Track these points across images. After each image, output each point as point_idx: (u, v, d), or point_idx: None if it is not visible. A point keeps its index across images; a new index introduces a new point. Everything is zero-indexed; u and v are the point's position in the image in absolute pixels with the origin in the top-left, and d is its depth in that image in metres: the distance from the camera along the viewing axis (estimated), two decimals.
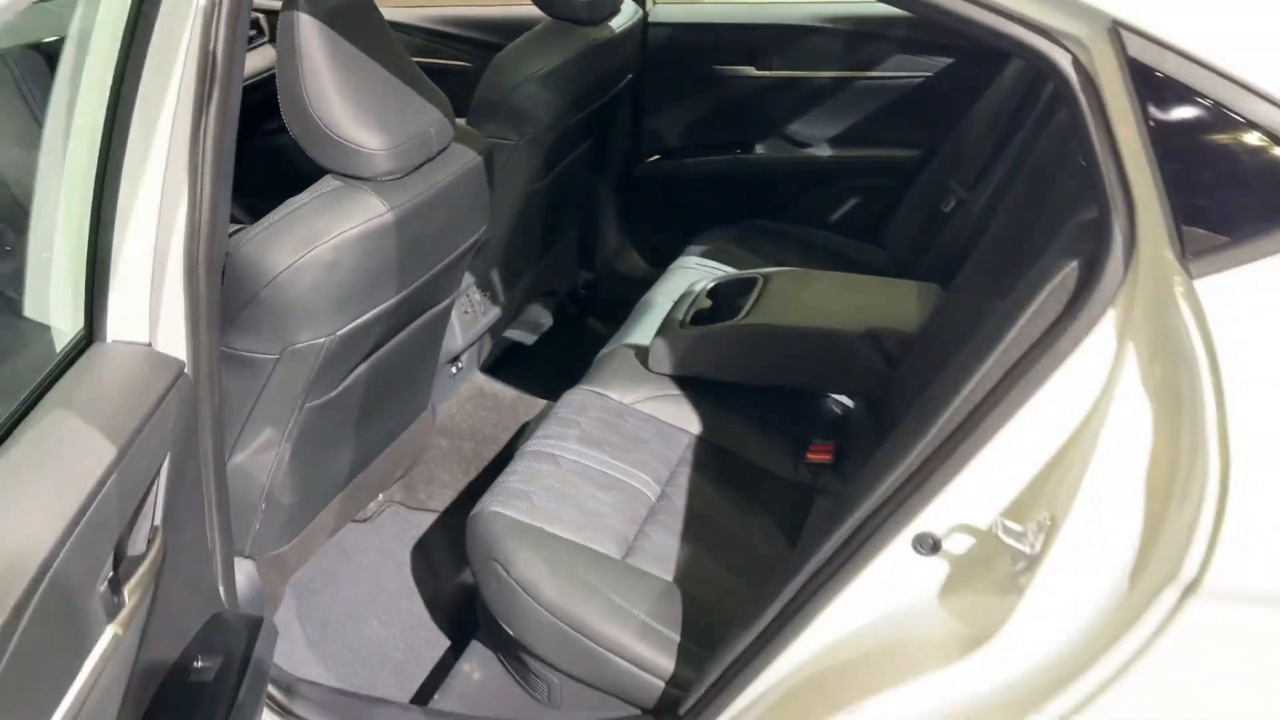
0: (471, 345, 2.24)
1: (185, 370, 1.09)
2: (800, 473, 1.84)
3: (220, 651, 1.17)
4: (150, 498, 0.97)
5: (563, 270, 2.83)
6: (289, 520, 1.64)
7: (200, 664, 1.12)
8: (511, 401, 2.38)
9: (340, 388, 1.58)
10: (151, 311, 1.06)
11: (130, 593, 0.90)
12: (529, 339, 2.81)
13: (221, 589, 1.30)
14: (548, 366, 2.60)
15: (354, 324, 1.48)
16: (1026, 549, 0.96)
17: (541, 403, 2.39)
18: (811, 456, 1.86)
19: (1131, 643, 0.89)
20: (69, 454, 0.81)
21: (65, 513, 0.75)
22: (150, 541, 0.97)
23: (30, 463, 0.78)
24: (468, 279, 2.16)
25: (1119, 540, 0.91)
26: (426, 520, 2.17)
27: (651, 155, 2.84)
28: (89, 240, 1.02)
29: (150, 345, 1.06)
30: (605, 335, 2.80)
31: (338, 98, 1.40)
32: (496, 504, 1.59)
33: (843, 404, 2.04)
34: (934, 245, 2.25)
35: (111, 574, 0.88)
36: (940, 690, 1.03)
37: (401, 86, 1.51)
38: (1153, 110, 0.88)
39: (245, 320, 1.38)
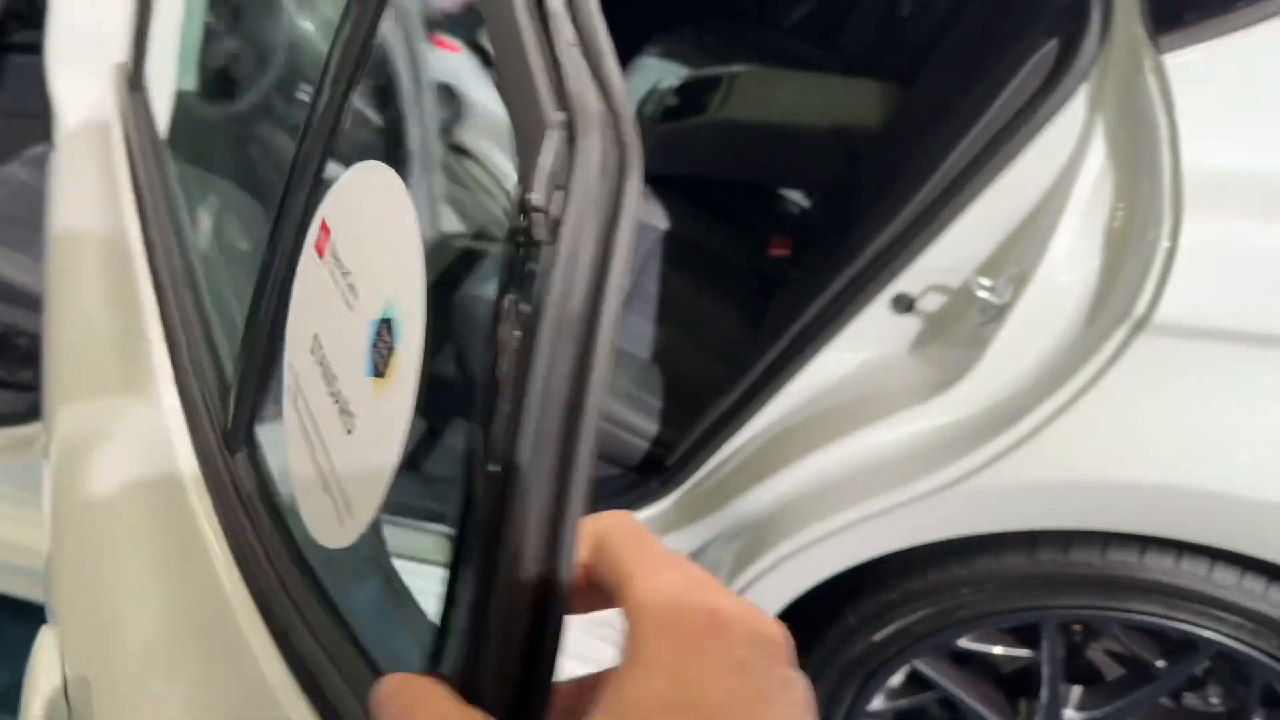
0: None
1: None
2: (763, 265, 1.95)
3: None
4: None
5: None
6: None
7: None
8: None
9: None
10: None
11: None
12: None
13: None
14: None
15: None
16: (997, 299, 1.10)
17: None
18: (773, 251, 1.97)
19: (1084, 375, 1.04)
20: None
21: None
22: None
23: None
24: None
25: (1080, 287, 1.05)
26: None
27: None
28: None
29: None
30: None
31: None
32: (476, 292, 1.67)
33: (799, 204, 2.14)
34: (890, 48, 2.31)
35: None
36: (910, 425, 1.17)
37: None
38: None
39: None
